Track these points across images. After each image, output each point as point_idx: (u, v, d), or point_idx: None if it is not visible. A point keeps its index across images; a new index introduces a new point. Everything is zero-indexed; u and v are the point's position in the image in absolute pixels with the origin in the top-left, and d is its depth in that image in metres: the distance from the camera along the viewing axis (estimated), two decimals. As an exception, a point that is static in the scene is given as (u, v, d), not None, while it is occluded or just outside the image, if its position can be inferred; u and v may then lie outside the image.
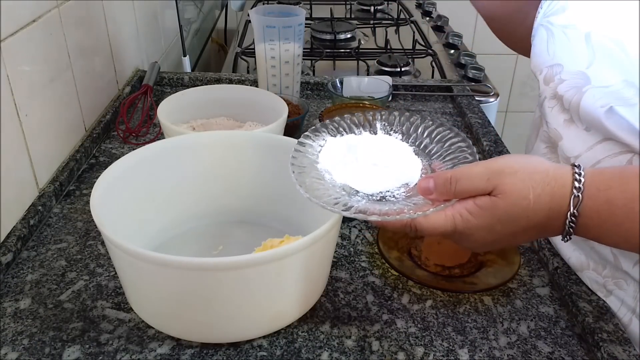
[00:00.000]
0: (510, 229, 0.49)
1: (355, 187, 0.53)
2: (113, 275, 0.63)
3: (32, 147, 0.72)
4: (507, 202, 0.47)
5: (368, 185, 0.54)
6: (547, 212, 0.47)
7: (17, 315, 0.58)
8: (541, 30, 0.62)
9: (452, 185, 0.48)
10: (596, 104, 0.53)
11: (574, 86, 0.56)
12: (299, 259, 0.52)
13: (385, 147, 0.57)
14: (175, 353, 0.54)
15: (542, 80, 0.62)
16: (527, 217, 0.47)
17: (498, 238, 0.50)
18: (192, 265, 0.48)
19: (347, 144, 0.57)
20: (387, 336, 0.57)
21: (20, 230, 0.67)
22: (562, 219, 0.47)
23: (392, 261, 0.64)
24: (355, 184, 0.54)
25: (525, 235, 0.50)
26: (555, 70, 0.59)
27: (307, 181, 0.53)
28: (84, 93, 0.88)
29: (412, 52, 1.34)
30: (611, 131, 0.53)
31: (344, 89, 1.01)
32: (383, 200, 0.53)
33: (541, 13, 0.63)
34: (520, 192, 0.47)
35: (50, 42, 0.77)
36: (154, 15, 1.25)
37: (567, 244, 0.64)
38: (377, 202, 0.52)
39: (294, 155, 0.55)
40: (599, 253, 0.59)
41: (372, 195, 0.53)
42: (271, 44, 0.91)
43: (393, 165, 0.55)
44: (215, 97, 0.86)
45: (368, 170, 0.55)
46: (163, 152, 0.65)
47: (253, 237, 0.63)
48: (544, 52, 0.61)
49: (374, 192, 0.53)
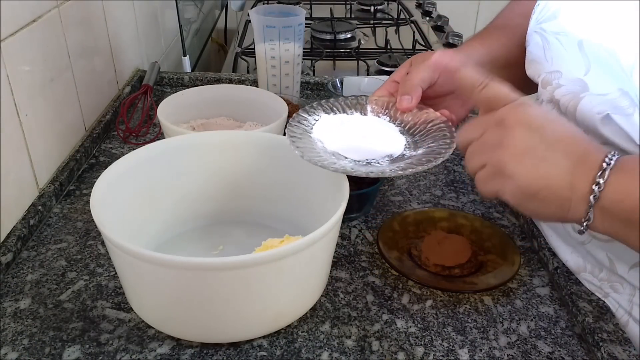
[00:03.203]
0: (551, 131, 0.47)
1: (343, 154, 0.60)
2: (113, 275, 0.63)
3: (32, 147, 0.72)
4: (540, 108, 0.49)
5: (356, 154, 0.60)
6: (582, 139, 0.47)
7: (17, 315, 0.58)
8: (535, 37, 0.61)
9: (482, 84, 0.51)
10: (593, 111, 0.53)
11: (571, 92, 0.56)
12: (299, 259, 0.52)
13: (373, 125, 0.63)
14: (175, 353, 0.55)
15: (540, 84, 0.61)
16: (564, 125, 0.48)
17: (538, 144, 0.47)
18: (192, 265, 0.48)
19: (339, 120, 0.64)
20: (387, 336, 0.57)
21: (20, 230, 0.67)
22: (600, 155, 0.46)
23: (392, 261, 0.64)
24: (344, 151, 0.60)
25: (563, 157, 0.47)
26: (554, 76, 0.59)
27: (301, 146, 0.59)
28: (84, 93, 0.88)
29: (412, 52, 1.34)
30: (607, 137, 0.52)
31: (344, 89, 1.01)
32: (368, 165, 0.59)
33: (534, 19, 0.62)
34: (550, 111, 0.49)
35: (50, 42, 0.77)
36: (154, 15, 1.25)
37: (565, 247, 0.63)
38: (362, 166, 0.59)
39: (290, 125, 0.61)
40: (595, 257, 0.59)
41: (358, 161, 0.60)
42: (271, 44, 0.91)
43: (379, 138, 0.61)
44: (215, 97, 0.86)
45: (356, 141, 0.61)
46: (163, 152, 0.65)
47: (253, 237, 0.63)
48: (542, 58, 0.60)
49: (360, 159, 0.60)
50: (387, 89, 0.66)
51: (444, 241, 0.67)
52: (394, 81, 0.66)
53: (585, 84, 0.54)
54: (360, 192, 0.71)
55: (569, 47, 0.56)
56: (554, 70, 0.59)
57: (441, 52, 0.64)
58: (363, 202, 0.73)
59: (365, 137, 0.61)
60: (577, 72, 0.55)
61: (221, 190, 0.69)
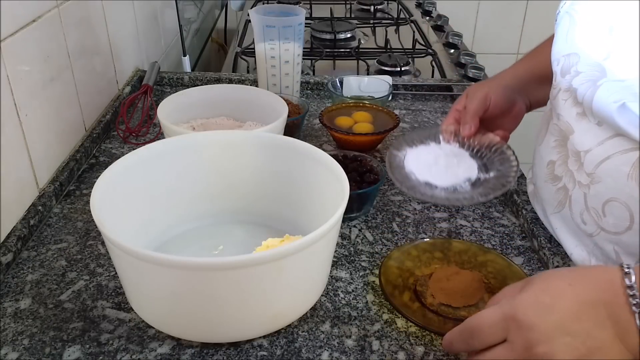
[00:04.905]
0: (563, 302, 0.44)
1: (434, 183, 0.70)
2: (113, 275, 0.63)
3: (32, 147, 0.72)
4: (541, 276, 0.46)
5: (443, 181, 0.71)
6: (595, 281, 0.44)
7: (18, 315, 0.58)
8: (565, 18, 0.62)
9: None
10: (609, 99, 0.53)
11: (589, 79, 0.56)
12: (299, 259, 0.52)
13: (449, 152, 0.75)
14: (176, 353, 0.55)
15: (559, 72, 0.62)
16: (571, 285, 0.44)
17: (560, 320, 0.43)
18: (192, 265, 0.48)
19: (423, 152, 0.76)
20: (387, 336, 0.57)
21: (20, 230, 0.67)
22: (616, 276, 0.43)
23: (392, 299, 0.59)
24: (434, 180, 0.71)
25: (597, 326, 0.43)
26: (572, 61, 0.59)
27: (399, 179, 0.70)
28: (84, 93, 0.88)
29: (412, 52, 1.34)
30: (622, 127, 0.52)
31: (344, 88, 1.01)
32: (455, 191, 0.70)
33: (568, 3, 0.62)
34: (555, 272, 0.47)
35: (50, 42, 0.77)
36: (154, 15, 1.25)
37: (571, 240, 0.64)
38: (452, 193, 0.69)
39: (390, 167, 0.72)
40: (602, 250, 0.59)
41: (446, 188, 0.70)
42: (271, 44, 0.91)
43: (457, 165, 0.73)
44: (215, 97, 0.86)
45: (440, 169, 0.72)
46: (163, 152, 0.65)
47: (253, 237, 0.63)
48: (563, 39, 0.61)
49: (448, 186, 0.70)
50: (452, 118, 0.77)
51: (453, 277, 0.62)
52: (456, 110, 0.77)
53: (603, 70, 0.54)
54: (360, 192, 0.71)
55: (597, 29, 0.56)
56: (572, 53, 0.59)
57: (488, 87, 0.75)
58: (363, 201, 0.73)
59: (447, 166, 0.73)
60: (597, 56, 0.55)
61: (221, 190, 0.69)
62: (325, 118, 0.89)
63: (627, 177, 0.53)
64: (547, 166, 0.65)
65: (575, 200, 0.60)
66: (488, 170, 0.73)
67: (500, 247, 0.70)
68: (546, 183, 0.66)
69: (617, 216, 0.56)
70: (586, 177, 0.58)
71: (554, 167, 0.64)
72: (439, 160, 0.74)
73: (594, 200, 0.58)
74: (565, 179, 0.62)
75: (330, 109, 0.92)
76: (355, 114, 0.91)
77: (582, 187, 0.59)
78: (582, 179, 0.58)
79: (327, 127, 0.87)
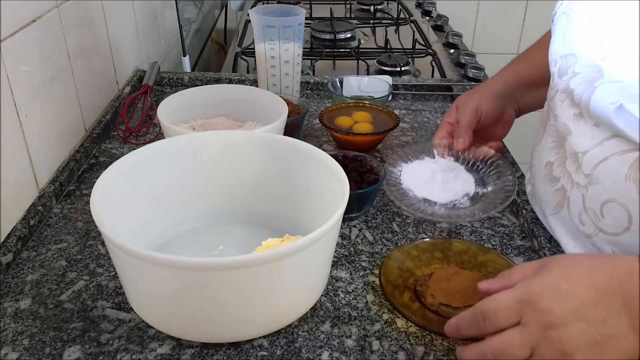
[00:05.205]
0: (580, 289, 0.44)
1: (432, 199, 0.72)
2: (113, 275, 0.64)
3: (32, 147, 0.72)
4: (559, 262, 0.47)
5: (441, 197, 0.72)
6: (614, 271, 0.45)
7: (18, 315, 0.58)
8: (562, 19, 0.62)
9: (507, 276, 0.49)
10: (607, 100, 0.53)
11: (586, 80, 0.56)
12: (299, 259, 0.52)
13: (445, 167, 0.76)
14: (176, 353, 0.55)
15: (557, 73, 0.61)
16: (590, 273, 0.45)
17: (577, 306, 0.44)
18: (192, 265, 0.48)
19: (418, 167, 0.76)
20: (387, 336, 0.57)
21: (20, 231, 0.67)
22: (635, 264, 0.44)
23: (391, 298, 0.59)
24: (432, 197, 0.72)
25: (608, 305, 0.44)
26: (569, 62, 0.59)
27: (397, 197, 0.71)
28: (84, 93, 0.88)
29: (412, 52, 1.34)
30: (620, 128, 0.52)
31: (344, 88, 1.01)
32: (455, 207, 0.71)
33: (565, 3, 0.62)
34: (574, 258, 0.47)
35: (50, 42, 0.77)
36: (154, 15, 1.25)
37: (569, 240, 0.64)
38: (451, 210, 0.70)
39: (387, 184, 0.73)
40: (600, 250, 0.59)
41: (445, 204, 0.71)
42: (271, 44, 0.91)
43: (454, 180, 0.74)
44: (215, 97, 0.86)
45: (438, 185, 0.73)
46: (163, 152, 0.65)
47: (253, 237, 0.63)
48: (560, 40, 0.61)
49: (447, 202, 0.72)
50: (445, 131, 0.78)
51: (453, 277, 0.62)
52: (448, 123, 0.78)
53: (600, 70, 0.54)
54: (360, 192, 0.71)
55: (595, 29, 0.56)
56: (569, 54, 0.59)
57: (478, 97, 0.76)
58: (363, 201, 0.73)
59: (444, 181, 0.74)
60: (595, 57, 0.55)
61: (221, 190, 0.69)
62: (325, 118, 0.89)
63: (625, 178, 0.53)
64: (545, 167, 0.65)
65: (574, 201, 0.60)
66: (485, 184, 0.74)
67: (501, 247, 0.70)
68: (544, 184, 0.66)
69: (615, 217, 0.56)
70: (584, 178, 0.58)
71: (552, 168, 0.64)
72: (435, 176, 0.75)
73: (592, 201, 0.58)
74: (563, 180, 0.62)
75: (330, 109, 0.92)
76: (355, 114, 0.91)
77: (580, 188, 0.59)
78: (580, 180, 0.58)
79: (327, 127, 0.87)
